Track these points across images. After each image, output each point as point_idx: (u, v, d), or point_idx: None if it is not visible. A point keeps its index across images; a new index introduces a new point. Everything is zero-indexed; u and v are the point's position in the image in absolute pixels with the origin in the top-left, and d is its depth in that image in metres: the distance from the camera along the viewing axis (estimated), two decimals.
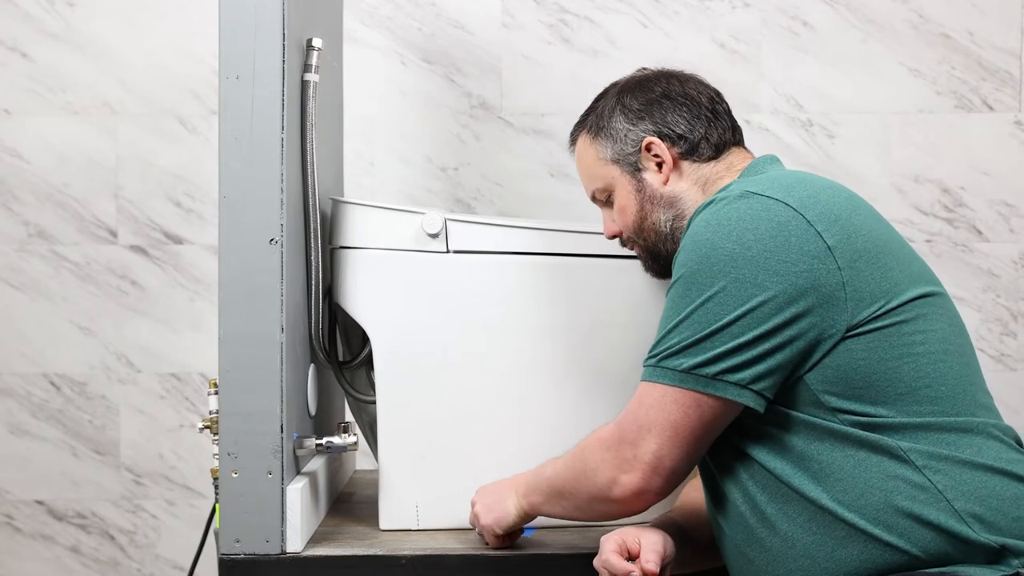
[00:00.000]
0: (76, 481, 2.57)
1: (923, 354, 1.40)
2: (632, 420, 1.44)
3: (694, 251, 1.42)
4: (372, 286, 1.78)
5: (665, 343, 1.43)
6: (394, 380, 1.77)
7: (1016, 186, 2.56)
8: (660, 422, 1.42)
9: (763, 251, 1.39)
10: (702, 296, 1.40)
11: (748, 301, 1.38)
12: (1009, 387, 2.51)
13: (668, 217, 1.61)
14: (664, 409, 1.42)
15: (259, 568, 1.63)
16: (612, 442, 1.46)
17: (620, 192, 1.64)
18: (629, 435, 1.44)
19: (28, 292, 2.57)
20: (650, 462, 1.43)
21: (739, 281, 1.38)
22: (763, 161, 1.58)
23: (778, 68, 2.54)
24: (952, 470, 1.36)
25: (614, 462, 1.45)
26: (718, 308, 1.39)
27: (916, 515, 1.35)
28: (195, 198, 2.56)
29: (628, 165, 1.62)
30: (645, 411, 1.43)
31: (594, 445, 1.50)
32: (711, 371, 1.39)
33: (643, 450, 1.43)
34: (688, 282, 1.42)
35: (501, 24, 2.55)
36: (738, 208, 1.42)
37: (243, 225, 1.62)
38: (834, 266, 1.39)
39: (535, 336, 1.78)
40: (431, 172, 2.56)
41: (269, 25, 1.62)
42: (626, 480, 1.45)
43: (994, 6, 2.54)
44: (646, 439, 1.43)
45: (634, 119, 1.62)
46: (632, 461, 1.44)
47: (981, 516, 1.35)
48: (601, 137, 1.65)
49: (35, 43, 2.55)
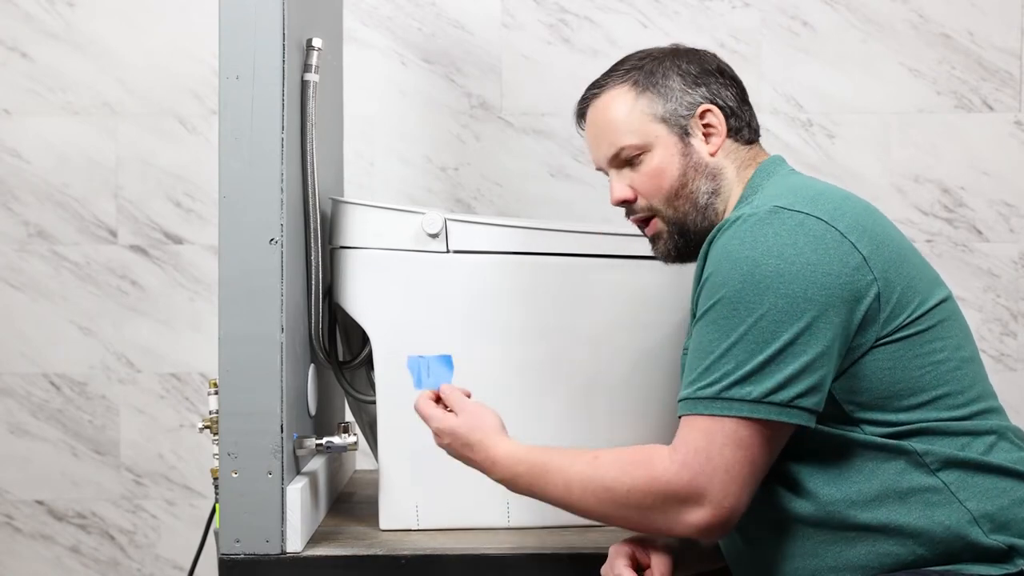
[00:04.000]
0: (76, 481, 2.57)
1: (943, 361, 1.40)
2: (703, 463, 1.33)
3: (733, 270, 1.35)
4: (372, 286, 1.78)
5: (720, 370, 1.34)
6: (394, 380, 1.77)
7: (1016, 186, 2.56)
8: (738, 460, 1.33)
9: (806, 265, 1.34)
10: (752, 316, 1.33)
11: (802, 317, 1.33)
12: (1009, 387, 2.51)
13: (708, 189, 1.53)
14: (739, 444, 1.32)
15: (259, 568, 1.63)
16: (680, 493, 1.34)
17: (661, 153, 1.53)
18: (701, 481, 1.33)
19: (28, 292, 2.57)
20: (730, 506, 1.33)
21: (789, 297, 1.33)
22: (772, 162, 1.55)
23: (778, 68, 2.54)
24: (965, 472, 1.36)
25: (682, 511, 1.34)
26: (773, 327, 1.33)
27: (927, 516, 1.35)
28: (195, 198, 2.56)
29: (678, 127, 1.53)
30: (719, 451, 1.33)
31: (652, 494, 1.36)
32: (784, 397, 1.32)
33: (722, 495, 1.33)
34: (732, 303, 1.34)
35: (501, 24, 2.55)
36: (772, 224, 1.37)
37: (243, 225, 1.62)
38: (871, 277, 1.36)
39: (535, 336, 1.78)
40: (431, 172, 2.56)
41: (269, 25, 1.62)
42: (699, 524, 1.34)
43: (994, 6, 2.54)
44: (724, 482, 1.33)
45: (692, 83, 1.54)
46: (709, 507, 1.33)
47: (992, 516, 1.35)
48: (651, 92, 1.54)
49: (35, 43, 2.55)
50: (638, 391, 1.80)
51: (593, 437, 1.79)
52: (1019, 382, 2.51)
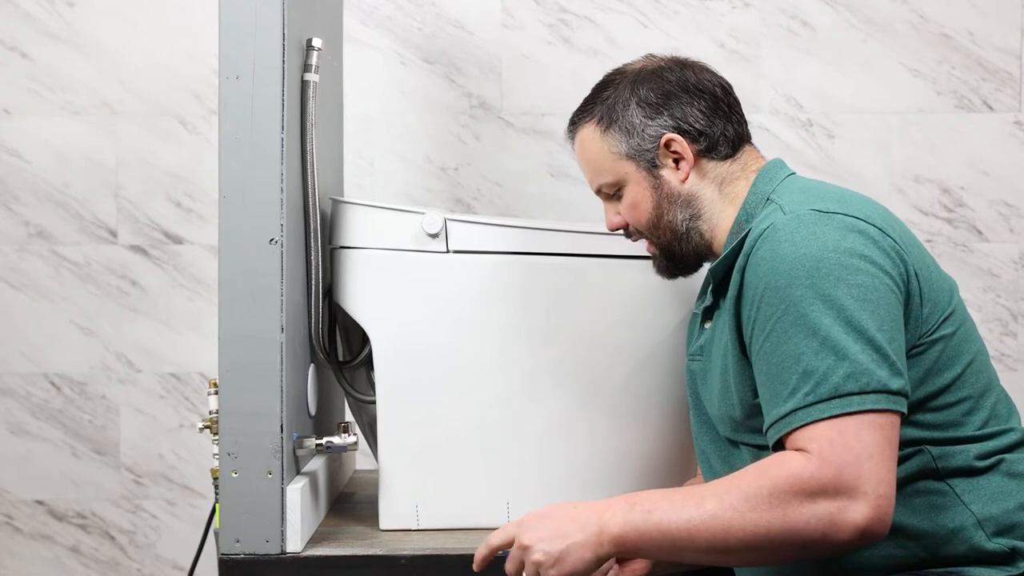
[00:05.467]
0: (76, 481, 2.57)
1: (970, 363, 1.40)
2: (845, 454, 1.23)
3: (795, 270, 1.30)
4: (372, 286, 1.78)
5: (817, 372, 1.27)
6: (394, 380, 1.77)
7: (1016, 186, 2.55)
8: (879, 443, 1.24)
9: (863, 257, 1.31)
10: (832, 308, 1.28)
11: (879, 304, 1.29)
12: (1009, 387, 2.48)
13: (685, 216, 1.52)
14: (876, 426, 1.24)
15: (259, 568, 1.63)
16: (827, 485, 1.24)
17: (634, 188, 1.54)
18: (849, 472, 1.23)
19: (28, 292, 2.57)
20: (885, 493, 1.23)
21: (860, 286, 1.29)
22: (775, 166, 1.53)
23: (778, 68, 2.54)
24: (972, 476, 1.36)
25: (832, 507, 1.23)
26: (856, 315, 1.28)
27: (931, 519, 1.34)
28: (195, 198, 2.56)
29: (645, 162, 1.52)
30: (856, 439, 1.24)
31: (791, 491, 1.25)
32: (898, 385, 1.27)
33: (874, 482, 1.23)
34: (808, 301, 1.29)
35: (501, 24, 2.55)
36: (818, 224, 1.34)
37: (243, 225, 1.62)
38: (913, 270, 1.36)
39: (535, 336, 1.78)
40: (431, 172, 2.56)
41: (269, 25, 1.62)
42: (858, 522, 1.23)
43: (994, 6, 2.54)
44: (872, 469, 1.23)
45: (652, 113, 1.52)
46: (864, 499, 1.23)
47: (996, 519, 1.35)
48: (614, 130, 1.53)
49: (35, 43, 2.55)
50: (638, 391, 1.80)
51: (593, 437, 1.79)
52: (1019, 382, 2.51)
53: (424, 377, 1.77)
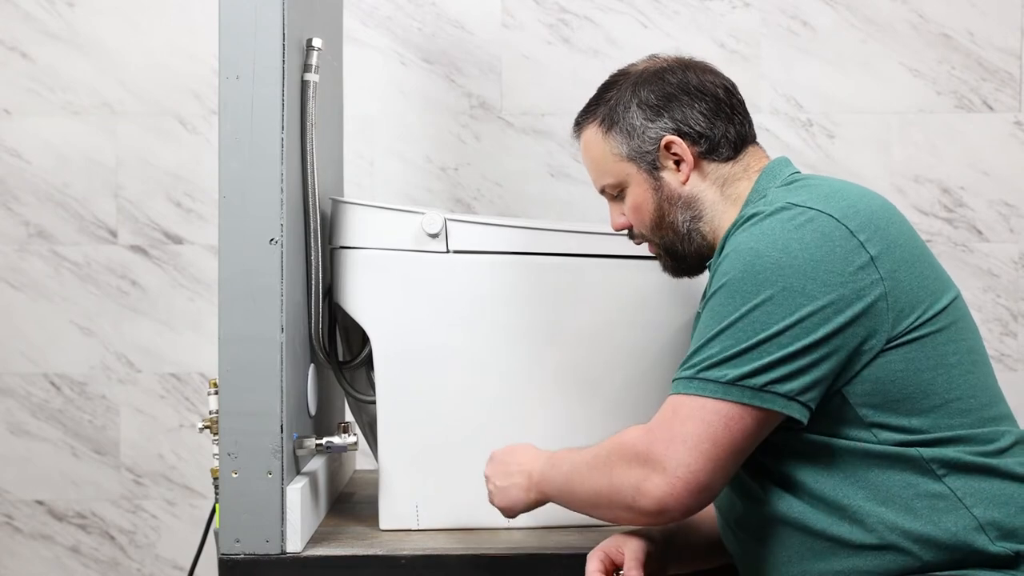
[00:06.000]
0: (76, 481, 2.57)
1: (955, 364, 1.39)
2: (665, 432, 1.35)
3: (737, 260, 1.36)
4: (372, 286, 1.78)
5: (704, 353, 1.36)
6: (394, 380, 1.77)
7: (1016, 186, 2.56)
8: (697, 434, 1.33)
9: (809, 260, 1.34)
10: (747, 305, 1.34)
11: (797, 311, 1.33)
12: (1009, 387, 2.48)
13: (686, 217, 1.53)
14: (703, 420, 1.33)
15: (259, 568, 1.63)
16: (641, 454, 1.37)
17: (635, 190, 1.55)
18: (660, 447, 1.35)
19: (28, 292, 2.57)
20: (683, 476, 1.34)
21: (787, 290, 1.33)
22: (779, 164, 1.53)
23: (778, 68, 2.54)
24: (972, 478, 1.36)
25: (640, 474, 1.36)
26: (765, 317, 1.33)
27: (933, 522, 1.34)
28: (195, 198, 2.56)
29: (645, 163, 1.53)
30: (681, 423, 1.34)
31: (619, 455, 1.40)
32: (758, 382, 1.33)
33: (675, 463, 1.34)
34: (731, 291, 1.36)
35: (501, 24, 2.55)
36: (781, 219, 1.37)
37: (243, 225, 1.62)
38: (877, 276, 1.36)
39: (535, 336, 1.78)
40: (431, 172, 2.56)
41: (269, 25, 1.62)
42: (655, 494, 1.35)
43: (994, 6, 2.54)
44: (680, 452, 1.34)
45: (652, 115, 1.52)
46: (663, 475, 1.34)
47: (999, 523, 1.34)
48: (615, 132, 1.54)
49: (35, 43, 2.55)
50: (638, 391, 1.80)
51: (593, 437, 1.78)
52: (1019, 382, 2.51)
53: (424, 377, 1.77)
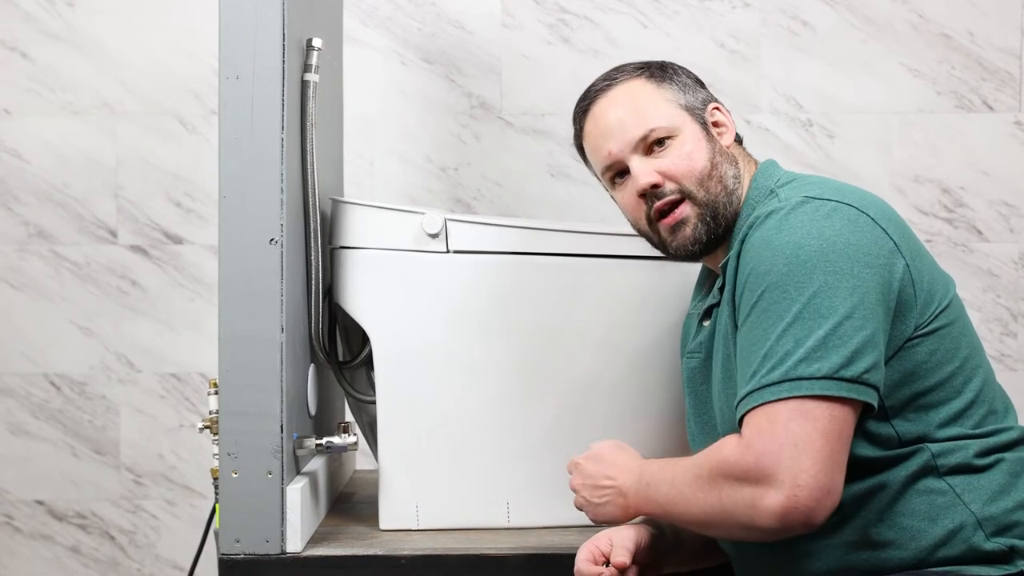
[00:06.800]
0: (76, 481, 2.57)
1: (966, 358, 1.40)
2: (769, 442, 1.27)
3: (776, 256, 1.33)
4: (372, 286, 1.78)
5: (778, 354, 1.30)
6: (394, 380, 1.77)
7: (1016, 186, 2.55)
8: (807, 434, 1.26)
9: (849, 245, 1.33)
10: (804, 295, 1.30)
11: (854, 292, 1.30)
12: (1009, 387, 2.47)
13: (733, 174, 1.51)
14: (809, 418, 1.26)
15: (259, 568, 1.63)
16: (749, 471, 1.28)
17: (689, 138, 1.51)
18: (768, 460, 1.26)
19: (28, 292, 2.57)
20: (804, 484, 1.26)
21: (838, 274, 1.31)
22: (772, 165, 1.56)
23: (778, 68, 2.54)
24: (972, 475, 1.36)
25: (753, 493, 1.28)
26: (828, 302, 1.29)
27: (930, 518, 1.34)
28: (195, 198, 2.56)
29: (698, 117, 1.54)
30: (784, 428, 1.27)
31: (723, 474, 1.32)
32: (854, 372, 1.28)
33: (791, 472, 1.26)
34: (782, 287, 1.32)
35: (501, 24, 2.55)
36: (807, 211, 1.36)
37: (243, 225, 1.62)
38: (904, 263, 1.36)
39: (535, 336, 1.78)
40: (431, 172, 2.56)
41: (269, 25, 1.62)
42: (774, 511, 1.27)
43: (994, 6, 2.54)
44: (792, 459, 1.26)
45: (697, 85, 1.58)
46: (779, 488, 1.26)
47: (995, 519, 1.35)
48: (668, 83, 1.55)
49: (35, 43, 2.55)
50: (637, 391, 1.80)
51: (592, 437, 1.79)
52: (1019, 382, 2.51)
53: (424, 377, 1.77)
